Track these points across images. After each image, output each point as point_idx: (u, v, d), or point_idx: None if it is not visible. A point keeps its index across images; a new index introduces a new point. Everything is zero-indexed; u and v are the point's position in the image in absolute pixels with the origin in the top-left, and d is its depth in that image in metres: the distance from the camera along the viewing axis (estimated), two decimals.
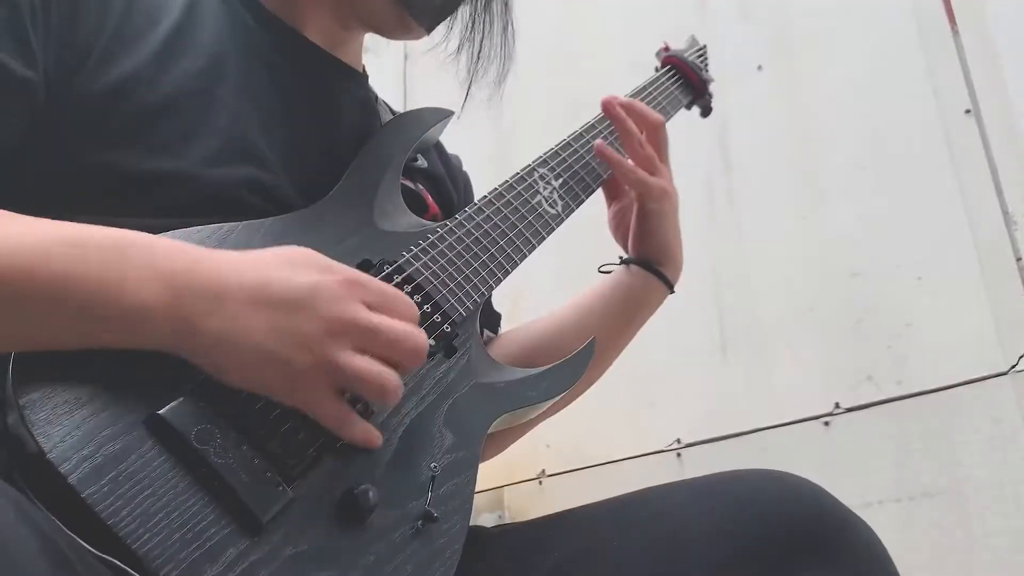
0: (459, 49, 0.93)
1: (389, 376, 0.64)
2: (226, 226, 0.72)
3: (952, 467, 1.56)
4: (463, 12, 0.92)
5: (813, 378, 1.77)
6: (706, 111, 1.22)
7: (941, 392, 1.61)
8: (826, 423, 1.72)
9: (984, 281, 1.62)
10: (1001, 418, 1.54)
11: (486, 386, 0.80)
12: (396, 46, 0.96)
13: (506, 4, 0.95)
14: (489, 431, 0.79)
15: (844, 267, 1.80)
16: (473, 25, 0.93)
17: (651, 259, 1.03)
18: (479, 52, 0.94)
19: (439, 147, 1.06)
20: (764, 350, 1.86)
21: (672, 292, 1.04)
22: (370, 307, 0.65)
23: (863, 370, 1.72)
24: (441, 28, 0.93)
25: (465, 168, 1.09)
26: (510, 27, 0.96)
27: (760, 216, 1.95)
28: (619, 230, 1.06)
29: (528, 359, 0.97)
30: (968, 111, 1.72)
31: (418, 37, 0.94)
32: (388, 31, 0.93)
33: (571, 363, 0.87)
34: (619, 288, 1.03)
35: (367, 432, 0.67)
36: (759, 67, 2.04)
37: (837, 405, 1.72)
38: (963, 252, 1.65)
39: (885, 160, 1.80)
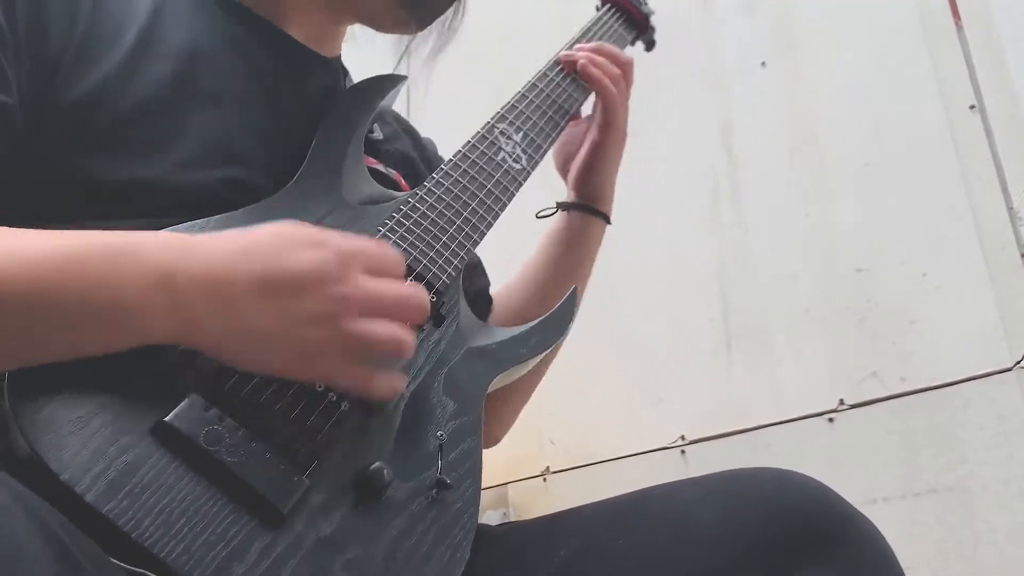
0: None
1: (401, 333, 0.66)
2: (199, 222, 0.72)
3: (957, 464, 1.56)
4: None
5: (817, 375, 1.77)
6: (649, 45, 1.23)
7: (946, 388, 1.61)
8: (831, 419, 1.72)
9: (989, 277, 1.61)
10: (1007, 414, 1.54)
11: (478, 349, 0.82)
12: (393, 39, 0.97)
13: None
14: (487, 392, 0.80)
15: (848, 263, 1.80)
16: None
17: (592, 197, 1.06)
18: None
19: (412, 133, 1.07)
20: (768, 347, 1.85)
21: (609, 223, 1.07)
22: (368, 272, 0.66)
23: (868, 366, 1.71)
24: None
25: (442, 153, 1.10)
26: (461, 8, 0.98)
27: (764, 213, 1.95)
28: (565, 163, 1.09)
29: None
30: (973, 106, 1.72)
31: (411, 33, 0.95)
32: (381, 25, 0.93)
33: (557, 315, 0.89)
34: (560, 232, 1.07)
35: (390, 382, 0.68)
36: (763, 63, 2.04)
37: (842, 402, 1.72)
38: (968, 248, 1.65)
39: (889, 156, 1.80)
